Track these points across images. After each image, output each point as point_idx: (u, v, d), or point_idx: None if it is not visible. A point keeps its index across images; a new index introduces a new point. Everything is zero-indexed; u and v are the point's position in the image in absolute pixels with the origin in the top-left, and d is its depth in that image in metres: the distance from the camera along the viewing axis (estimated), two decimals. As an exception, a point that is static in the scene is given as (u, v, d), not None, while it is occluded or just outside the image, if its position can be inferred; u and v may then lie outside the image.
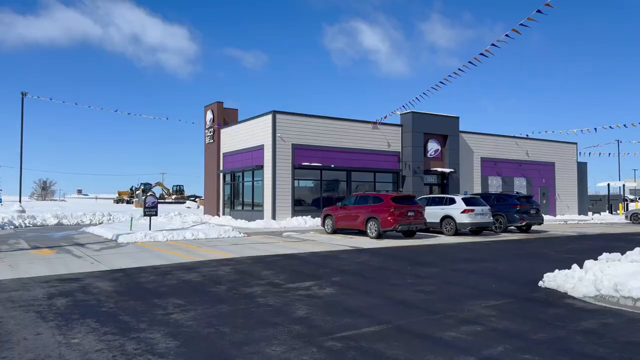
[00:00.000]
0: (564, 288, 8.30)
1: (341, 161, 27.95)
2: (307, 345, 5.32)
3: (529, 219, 21.89)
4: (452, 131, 31.53)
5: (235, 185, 30.68)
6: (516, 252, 14.39)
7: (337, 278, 9.60)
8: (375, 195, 19.18)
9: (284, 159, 26.20)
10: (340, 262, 12.00)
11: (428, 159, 30.72)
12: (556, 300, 7.69)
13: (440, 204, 20.83)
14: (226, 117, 32.11)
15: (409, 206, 18.26)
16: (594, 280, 8.02)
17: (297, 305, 7.20)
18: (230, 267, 11.09)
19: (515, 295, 8.08)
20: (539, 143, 37.20)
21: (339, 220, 19.88)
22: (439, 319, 6.46)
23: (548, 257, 13.16)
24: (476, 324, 6.23)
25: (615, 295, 7.47)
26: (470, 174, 33.30)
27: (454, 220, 19.85)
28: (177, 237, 17.62)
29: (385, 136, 29.78)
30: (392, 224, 17.66)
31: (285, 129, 26.31)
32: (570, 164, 39.00)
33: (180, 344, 5.36)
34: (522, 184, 35.95)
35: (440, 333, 5.80)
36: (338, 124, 28.22)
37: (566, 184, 38.45)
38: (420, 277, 9.82)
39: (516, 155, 35.86)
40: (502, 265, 11.60)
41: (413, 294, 8.17)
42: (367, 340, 5.50)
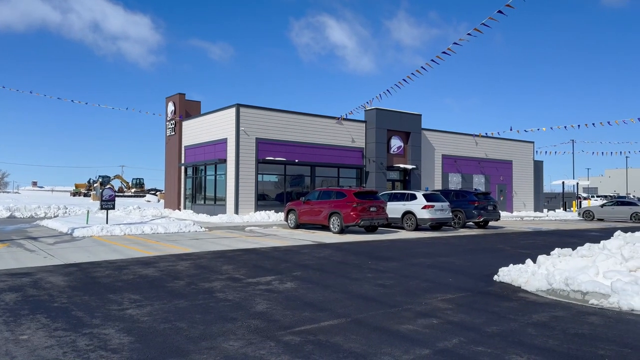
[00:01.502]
0: (518, 282, 8.56)
1: (305, 156, 27.93)
2: (265, 339, 5.29)
3: (487, 215, 22.48)
4: (415, 128, 32.00)
5: (197, 178, 30.21)
6: (473, 247, 14.76)
7: (298, 272, 9.60)
8: (338, 190, 19.28)
9: (248, 153, 25.97)
10: (302, 256, 12.01)
11: (391, 155, 31.07)
12: (510, 294, 7.92)
13: (402, 199, 21.12)
14: (188, 109, 31.54)
15: (372, 202, 18.43)
16: (547, 274, 8.31)
17: (257, 300, 7.15)
18: (189, 261, 10.92)
19: (471, 289, 8.29)
20: (498, 142, 38.22)
21: (302, 215, 19.87)
22: (396, 312, 6.55)
23: (504, 252, 13.56)
24: (433, 317, 6.35)
25: (566, 289, 7.76)
26: (431, 170, 33.90)
27: (415, 216, 20.18)
28: (136, 231, 17.21)
29: (349, 132, 29.94)
30: (355, 219, 17.78)
31: (250, 123, 26.07)
32: (527, 163, 40.25)
33: (135, 339, 5.23)
34: (481, 181, 36.88)
35: (398, 326, 5.88)
36: (303, 118, 28.18)
37: (523, 182, 39.68)
38: (380, 271, 9.93)
39: (476, 153, 36.72)
40: (460, 259, 11.87)
41: (373, 288, 8.25)
42: (325, 333, 5.52)
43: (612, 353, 4.98)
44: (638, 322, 6.24)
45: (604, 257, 8.38)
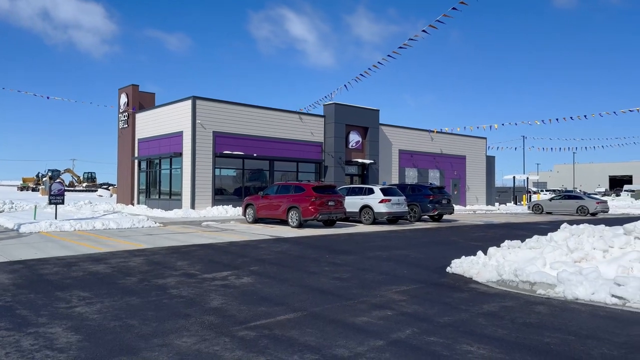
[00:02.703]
0: (470, 273, 8.80)
1: (264, 150, 27.73)
2: (219, 335, 5.22)
3: (441, 209, 23.02)
4: (373, 124, 32.33)
5: (151, 173, 29.47)
6: (428, 240, 15.08)
7: (256, 267, 9.53)
8: (297, 184, 19.25)
9: (205, 146, 25.53)
10: (260, 251, 11.93)
11: (349, 149, 31.29)
12: (462, 285, 8.14)
13: (360, 194, 21.32)
14: (142, 101, 30.68)
15: (330, 196, 18.51)
16: (497, 265, 8.58)
17: (212, 296, 7.05)
18: (142, 257, 10.64)
19: (424, 280, 8.46)
20: (452, 137, 39.14)
21: (260, 210, 19.74)
22: (352, 305, 6.61)
23: (457, 244, 13.92)
24: (387, 308, 6.44)
25: (515, 280, 8.03)
26: (389, 165, 34.38)
27: (372, 210, 20.42)
28: (86, 227, 16.63)
29: (308, 126, 29.93)
30: (313, 213, 17.82)
31: (206, 116, 25.62)
32: (480, 158, 41.44)
33: (83, 338, 5.05)
34: (436, 176, 37.71)
35: (353, 318, 5.93)
36: (262, 112, 27.94)
37: (476, 177, 40.84)
38: (337, 264, 9.99)
39: (431, 148, 37.49)
40: (415, 252, 12.10)
41: (329, 281, 8.29)
42: (281, 328, 5.50)
43: (557, 341, 5.19)
44: (581, 311, 6.53)
45: (551, 248, 8.73)
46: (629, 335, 5.39)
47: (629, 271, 7.72)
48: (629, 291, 6.73)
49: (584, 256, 8.32)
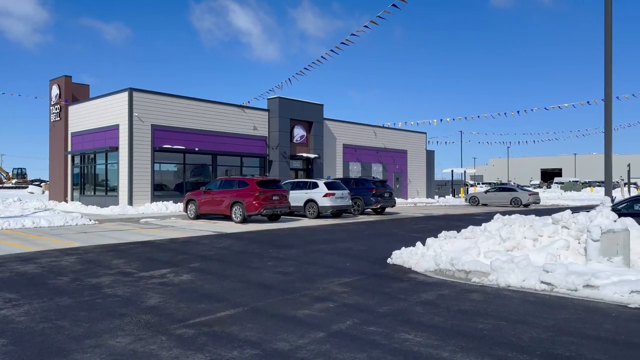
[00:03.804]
0: (409, 264, 9.03)
1: (206, 144, 27.16)
2: (156, 334, 5.06)
3: (384, 202, 23.48)
4: (317, 118, 32.44)
5: (86, 168, 28.17)
6: (371, 233, 15.34)
7: (196, 264, 9.32)
8: (240, 179, 19.00)
9: (143, 140, 24.66)
10: (201, 247, 11.68)
11: (294, 144, 31.25)
12: (401, 275, 8.33)
13: (304, 188, 21.36)
14: (76, 93, 29.20)
15: (274, 190, 18.41)
16: (434, 255, 8.85)
17: (149, 294, 6.83)
18: (75, 256, 10.15)
19: (366, 272, 8.59)
20: (394, 132, 39.98)
21: (202, 206, 19.34)
22: (294, 298, 6.60)
23: (398, 236, 14.24)
24: (329, 300, 6.48)
25: (452, 269, 8.31)
26: (333, 159, 34.64)
27: (317, 204, 20.52)
28: (15, 226, 15.67)
29: (252, 120, 29.59)
30: (257, 208, 17.66)
31: (144, 109, 24.74)
32: (420, 152, 42.59)
33: (9, 341, 4.75)
34: (379, 170, 38.40)
35: (295, 312, 5.93)
36: (203, 105, 27.33)
37: (417, 170, 41.96)
38: (280, 259, 9.95)
39: (374, 143, 38.11)
40: (357, 244, 12.27)
41: (272, 275, 8.24)
42: (221, 324, 5.41)
43: (489, 326, 5.42)
44: (513, 297, 6.86)
45: (485, 238, 9.11)
46: (555, 319, 5.71)
47: (557, 258, 8.19)
48: (556, 277, 7.12)
49: (515, 245, 8.74)
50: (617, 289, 6.58)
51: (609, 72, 9.48)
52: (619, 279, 6.81)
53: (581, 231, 8.34)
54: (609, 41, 9.65)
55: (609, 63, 9.59)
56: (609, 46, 9.64)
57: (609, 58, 9.59)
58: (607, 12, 9.71)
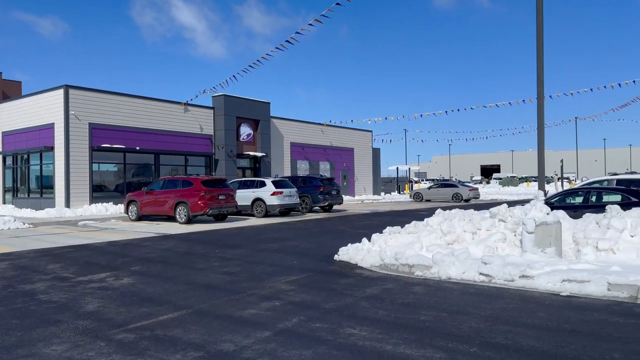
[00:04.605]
0: (355, 260, 9.15)
1: (149, 143, 26.34)
2: (95, 340, 4.86)
3: (331, 200, 23.67)
4: (264, 116, 32.22)
5: (19, 169, 26.63)
6: (318, 230, 15.42)
7: (138, 267, 9.03)
8: (185, 179, 18.57)
9: (80, 139, 23.60)
10: (143, 250, 11.33)
11: (241, 142, 30.90)
12: (348, 271, 8.43)
13: (252, 187, 21.17)
14: (7, 90, 27.58)
15: (220, 190, 18.13)
16: (379, 251, 9.01)
17: (87, 299, 6.55)
18: (7, 262, 9.58)
19: (313, 269, 8.63)
20: (341, 130, 40.37)
21: (144, 206, 18.75)
22: (240, 299, 6.53)
23: (345, 233, 14.39)
24: (276, 299, 6.46)
25: (396, 263, 8.49)
26: (281, 158, 34.53)
27: (264, 203, 20.39)
28: (-62, 232, 14.59)
29: (197, 119, 28.98)
30: (203, 208, 17.33)
31: (81, 106, 23.67)
32: (367, 150, 43.25)
33: None
34: (326, 168, 38.67)
35: (241, 312, 5.86)
36: (145, 103, 26.49)
37: (363, 168, 42.58)
38: (227, 259, 9.82)
39: (322, 141, 38.33)
40: (305, 242, 12.30)
41: (218, 276, 8.12)
42: (163, 327, 5.27)
43: (431, 318, 5.58)
44: (454, 289, 7.09)
45: (427, 232, 9.37)
46: (493, 309, 5.95)
47: (494, 251, 8.55)
48: (493, 269, 7.43)
49: (456, 238, 9.04)
50: (550, 278, 6.94)
51: (540, 72, 9.99)
52: (552, 268, 7.19)
53: (517, 224, 8.74)
54: (540, 43, 10.16)
55: (541, 63, 10.10)
56: (540, 48, 10.15)
57: (540, 59, 10.10)
58: (538, 18, 10.23)
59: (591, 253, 7.98)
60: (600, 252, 7.96)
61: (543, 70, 10.16)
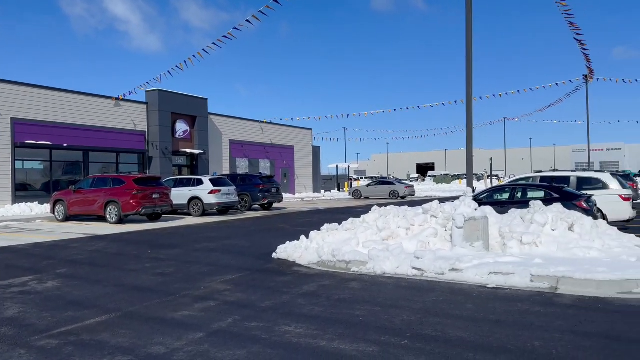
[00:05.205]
0: (293, 257, 9.15)
1: (77, 140, 25.03)
2: (14, 347, 4.56)
3: (271, 198, 23.54)
4: (201, 112, 31.52)
5: None
6: (257, 228, 15.30)
7: (64, 269, 8.57)
8: (116, 177, 17.82)
9: (1, 135, 22.06)
10: (70, 251, 10.77)
11: (177, 139, 30.04)
12: (286, 269, 8.41)
13: (188, 185, 20.66)
14: None
15: (154, 188, 17.55)
16: (317, 248, 9.07)
17: (7, 305, 6.14)
18: None
19: (250, 268, 8.54)
20: (281, 128, 40.27)
21: (72, 206, 17.82)
22: (173, 300, 6.35)
23: (284, 230, 14.37)
24: (210, 299, 6.34)
25: (333, 260, 8.57)
26: (219, 155, 33.92)
27: (202, 201, 19.96)
28: None
29: (129, 114, 27.88)
30: (135, 207, 16.70)
31: (3, 100, 22.11)
32: (307, 148, 43.40)
33: None
34: (266, 166, 38.43)
35: (173, 314, 5.70)
36: (73, 97, 25.15)
37: (303, 166, 42.70)
38: (160, 260, 9.52)
39: (262, 139, 38.05)
40: (243, 241, 12.16)
41: (150, 277, 7.86)
42: (90, 332, 5.03)
43: (365, 312, 5.68)
44: (388, 284, 7.26)
45: (363, 229, 9.53)
46: (424, 302, 6.14)
47: (427, 245, 8.83)
48: (425, 263, 7.67)
49: (390, 234, 9.26)
50: (478, 271, 7.26)
51: (469, 74, 10.43)
52: (480, 262, 7.53)
53: (447, 219, 9.08)
54: (469, 45, 10.61)
55: (469, 66, 10.55)
56: (469, 50, 10.60)
57: (469, 61, 10.55)
58: (468, 23, 10.68)
59: (516, 246, 8.44)
60: (524, 245, 8.43)
61: (472, 73, 10.62)
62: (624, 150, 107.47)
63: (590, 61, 25.51)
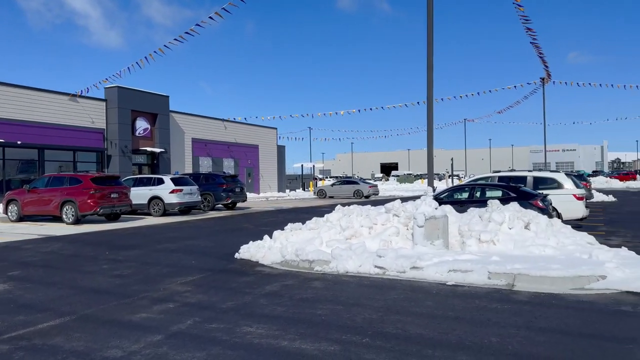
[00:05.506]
0: (256, 257, 9.08)
1: (32, 137, 24.11)
2: (-42, 356, 4.34)
3: (234, 197, 23.30)
4: (163, 110, 30.90)
5: None
6: (220, 228, 15.11)
7: (16, 272, 8.23)
8: (72, 176, 17.26)
9: (-51, 132, 21.02)
10: (23, 253, 10.36)
11: (137, 137, 29.35)
12: (248, 269, 8.34)
13: (148, 184, 20.20)
14: None
15: (113, 187, 17.09)
16: (281, 247, 9.02)
17: (-48, 310, 5.84)
18: None
19: (212, 268, 8.42)
20: (246, 127, 39.93)
21: (26, 206, 17.15)
22: (131, 302, 6.19)
23: (247, 230, 14.25)
24: (170, 301, 6.21)
25: (297, 259, 8.55)
26: (181, 154, 33.34)
27: (162, 201, 19.56)
28: None
29: (87, 111, 27.04)
30: (93, 207, 16.22)
31: (-50, 95, 21.08)
32: (272, 147, 43.20)
33: None
34: (230, 165, 38.02)
35: (131, 316, 5.56)
36: (27, 93, 24.19)
37: (268, 165, 42.48)
38: (118, 261, 9.27)
39: (226, 137, 37.61)
40: (206, 241, 11.99)
41: (108, 279, 7.64)
42: (43, 336, 4.84)
43: (328, 312, 5.69)
44: (350, 282, 7.30)
45: (327, 228, 9.55)
46: (385, 300, 6.21)
47: (389, 244, 8.93)
48: (387, 261, 7.75)
49: (353, 233, 9.31)
50: (438, 269, 7.40)
51: (430, 76, 10.62)
52: (439, 260, 7.67)
53: (409, 218, 9.20)
54: (430, 47, 10.80)
55: (430, 67, 10.74)
56: (430, 53, 10.79)
57: (430, 63, 10.73)
58: (429, 26, 10.86)
59: (474, 244, 8.64)
60: (483, 243, 8.64)
61: (432, 76, 10.81)
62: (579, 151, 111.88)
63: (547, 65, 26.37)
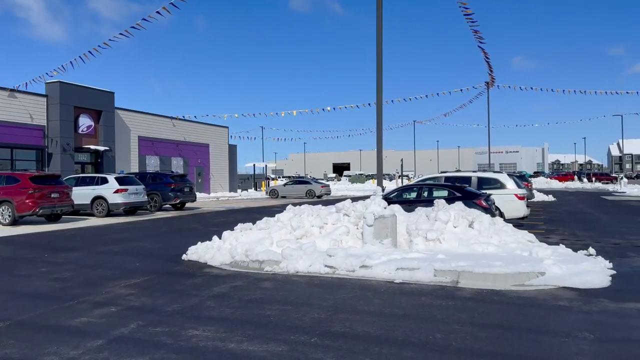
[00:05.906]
0: (205, 258, 8.91)
1: (-37, 134, 22.65)
2: None
3: (183, 197, 22.78)
4: (108, 107, 29.77)
5: None
6: (167, 229, 14.73)
7: (-57, 277, 7.69)
8: (9, 174, 16.35)
9: None
10: (-48, 256, 9.70)
11: (80, 135, 28.14)
12: (196, 271, 8.16)
13: (91, 184, 19.43)
14: None
15: (53, 187, 16.32)
16: (230, 248, 8.89)
17: None
18: None
19: (158, 271, 8.19)
20: (196, 125, 39.12)
21: (-43, 206, 16.07)
22: (71, 307, 5.92)
23: (196, 231, 13.96)
24: (112, 305, 5.98)
25: (246, 260, 8.45)
26: (127, 152, 32.25)
27: (106, 201, 18.85)
28: None
29: (26, 107, 25.67)
30: (32, 207, 15.43)
31: None
32: (223, 146, 42.55)
33: None
34: (179, 164, 37.15)
35: (70, 321, 5.31)
36: (-42, 87, 22.69)
37: (219, 164, 41.82)
38: (58, 264, 8.85)
39: (174, 136, 36.71)
40: (151, 243, 11.65)
41: (46, 283, 7.27)
42: (-30, 346, 4.54)
43: (277, 312, 5.65)
44: (300, 282, 7.28)
45: (278, 228, 9.50)
46: (335, 299, 6.23)
47: (339, 243, 8.98)
48: (337, 261, 7.79)
49: (304, 233, 9.31)
50: (386, 267, 7.51)
51: (379, 77, 10.78)
52: (388, 258, 7.78)
53: (359, 218, 9.30)
54: (379, 49, 10.95)
55: (379, 69, 10.89)
56: (379, 54, 10.94)
57: (380, 64, 10.88)
58: (378, 30, 11.01)
59: (421, 243, 8.83)
60: (429, 242, 8.85)
61: (382, 78, 10.98)
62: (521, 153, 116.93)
63: (492, 69, 27.24)
